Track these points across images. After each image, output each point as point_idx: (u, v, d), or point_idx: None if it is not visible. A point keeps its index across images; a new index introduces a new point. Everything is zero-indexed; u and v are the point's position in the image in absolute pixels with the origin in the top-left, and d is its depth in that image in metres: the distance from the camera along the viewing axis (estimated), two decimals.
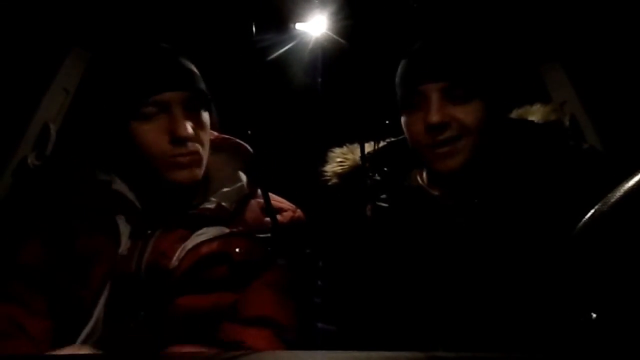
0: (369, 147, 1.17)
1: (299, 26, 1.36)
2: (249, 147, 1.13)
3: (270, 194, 1.13)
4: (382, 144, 1.21)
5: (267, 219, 1.07)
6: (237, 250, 1.01)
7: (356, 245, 1.09)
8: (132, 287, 0.94)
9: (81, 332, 0.91)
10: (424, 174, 1.13)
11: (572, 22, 1.35)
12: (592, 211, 0.65)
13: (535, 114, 1.14)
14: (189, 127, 0.98)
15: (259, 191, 1.12)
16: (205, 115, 1.04)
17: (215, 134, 1.15)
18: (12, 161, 1.34)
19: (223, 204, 1.03)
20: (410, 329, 0.95)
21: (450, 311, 0.94)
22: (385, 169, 1.15)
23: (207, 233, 1.00)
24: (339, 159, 1.21)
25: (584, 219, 0.66)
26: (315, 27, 1.34)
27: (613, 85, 1.41)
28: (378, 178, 1.14)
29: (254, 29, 0.90)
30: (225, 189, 1.07)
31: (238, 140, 1.15)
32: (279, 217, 1.09)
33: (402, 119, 1.06)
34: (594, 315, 0.65)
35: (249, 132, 1.13)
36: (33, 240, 0.99)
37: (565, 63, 1.51)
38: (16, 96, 1.35)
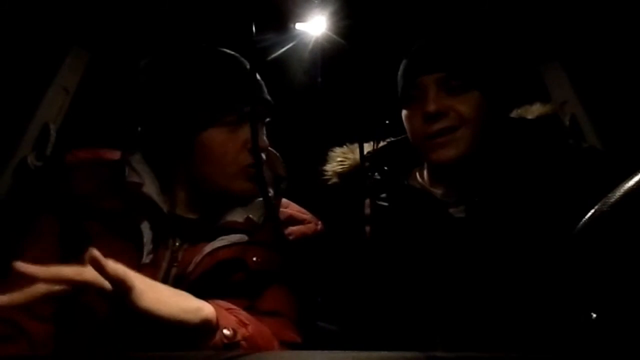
0: (368, 147, 1.17)
1: (299, 26, 1.36)
2: (278, 155, 1.12)
3: (292, 203, 1.13)
4: (382, 143, 1.21)
5: (288, 229, 1.06)
6: (254, 259, 0.99)
7: (356, 245, 1.09)
8: None
9: (89, 337, 0.90)
10: (425, 173, 1.13)
11: (571, 21, 1.35)
12: (592, 211, 0.65)
13: (534, 113, 1.14)
14: (265, 138, 1.01)
15: (283, 201, 1.11)
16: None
17: None
18: (12, 161, 1.34)
19: (251, 216, 1.02)
20: (410, 329, 0.95)
21: (450, 311, 0.94)
22: (386, 168, 1.15)
23: (226, 239, 0.99)
24: (339, 159, 1.21)
25: (584, 219, 0.66)
26: (315, 27, 1.34)
27: (613, 85, 1.41)
28: (378, 177, 1.14)
29: (254, 29, 0.90)
30: (254, 201, 1.05)
31: (273, 150, 1.12)
32: (301, 227, 1.08)
33: (403, 114, 1.08)
34: (594, 315, 0.65)
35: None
36: (41, 242, 0.96)
37: (565, 63, 1.51)
38: (16, 96, 1.35)
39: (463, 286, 0.94)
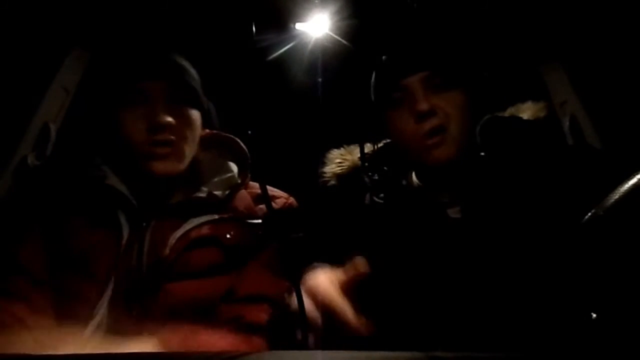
0: (367, 148, 1.17)
1: (299, 26, 1.36)
2: (239, 141, 1.15)
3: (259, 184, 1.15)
4: (380, 144, 1.21)
5: (259, 206, 1.10)
6: (227, 235, 1.03)
7: (355, 246, 1.09)
8: (136, 280, 0.96)
9: (86, 327, 0.92)
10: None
11: (571, 22, 1.35)
12: (592, 212, 0.65)
13: (526, 111, 1.15)
14: (167, 116, 1.00)
15: (250, 182, 1.14)
16: (192, 111, 1.06)
17: (207, 130, 1.17)
18: (12, 161, 1.34)
19: (214, 192, 1.05)
20: (410, 328, 0.95)
21: (449, 311, 0.94)
22: (385, 168, 1.15)
23: (195, 220, 1.02)
24: (338, 160, 1.21)
25: (584, 220, 0.66)
26: (315, 27, 1.35)
27: (613, 85, 1.41)
28: (376, 178, 1.14)
29: (254, 29, 0.90)
30: (215, 179, 1.09)
31: (228, 135, 1.17)
32: (272, 204, 1.10)
33: (387, 118, 1.07)
34: (594, 315, 0.65)
35: (249, 132, 1.14)
36: (34, 238, 0.99)
37: (565, 63, 1.51)
38: (16, 96, 1.35)
39: (461, 286, 0.94)
